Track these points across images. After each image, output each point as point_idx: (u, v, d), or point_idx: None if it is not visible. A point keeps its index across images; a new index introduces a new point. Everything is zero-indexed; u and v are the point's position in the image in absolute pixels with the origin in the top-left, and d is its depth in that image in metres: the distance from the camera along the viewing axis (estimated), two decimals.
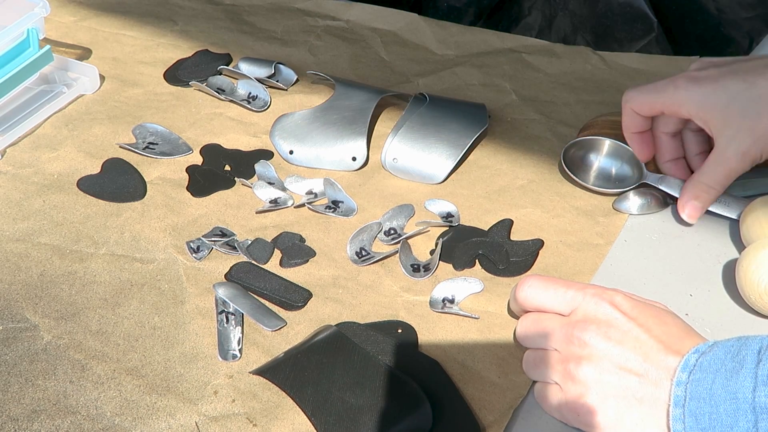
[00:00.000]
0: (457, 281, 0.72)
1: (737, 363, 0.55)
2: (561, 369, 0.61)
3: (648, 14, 1.20)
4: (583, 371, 0.60)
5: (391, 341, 0.67)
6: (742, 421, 0.53)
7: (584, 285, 0.63)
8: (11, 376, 0.65)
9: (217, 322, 0.69)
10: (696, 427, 0.55)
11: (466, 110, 0.86)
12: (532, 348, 0.64)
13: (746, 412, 0.53)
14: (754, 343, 0.56)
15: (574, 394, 0.60)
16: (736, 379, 0.54)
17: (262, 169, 0.83)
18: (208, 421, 0.62)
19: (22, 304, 0.70)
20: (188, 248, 0.75)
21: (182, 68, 0.95)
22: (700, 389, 0.55)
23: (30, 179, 0.82)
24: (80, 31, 1.01)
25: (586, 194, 0.80)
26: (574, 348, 0.60)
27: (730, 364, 0.55)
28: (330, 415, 0.61)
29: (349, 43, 1.00)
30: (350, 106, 0.86)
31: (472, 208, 0.79)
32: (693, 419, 0.55)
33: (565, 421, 0.62)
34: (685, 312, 0.70)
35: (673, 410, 0.56)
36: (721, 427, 0.54)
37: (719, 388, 0.54)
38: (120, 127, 0.88)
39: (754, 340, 0.56)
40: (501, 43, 1.00)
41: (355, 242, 0.76)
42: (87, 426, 0.62)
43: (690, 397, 0.56)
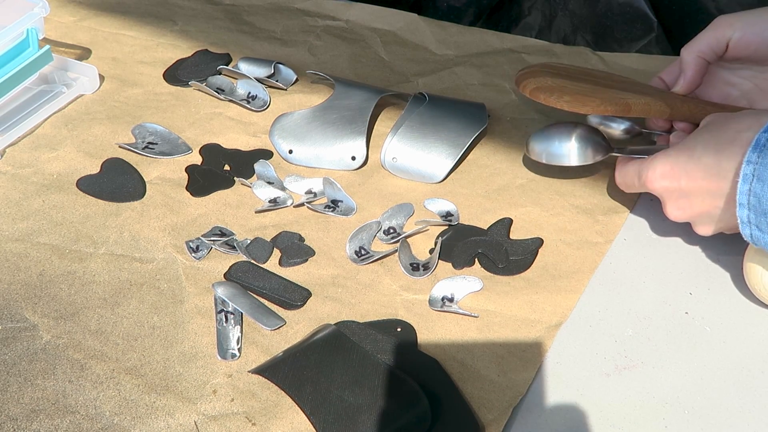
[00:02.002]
0: (457, 280, 0.72)
1: None
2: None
3: (648, 14, 1.20)
4: (673, 212, 0.69)
5: (391, 340, 0.66)
6: None
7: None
8: (10, 375, 0.65)
9: (216, 321, 0.69)
10: (758, 207, 0.61)
11: (466, 110, 0.86)
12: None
13: None
14: None
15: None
16: None
17: (262, 169, 0.83)
18: (207, 421, 0.62)
19: (22, 303, 0.70)
20: (187, 248, 0.75)
21: (182, 68, 0.95)
22: (765, 173, 0.60)
23: (29, 179, 0.82)
24: (80, 31, 1.01)
25: (585, 193, 0.80)
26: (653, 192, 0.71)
27: None
28: (329, 413, 0.61)
29: (349, 43, 1.00)
30: (350, 106, 0.86)
31: (472, 207, 0.79)
32: (756, 199, 0.61)
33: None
34: (684, 310, 0.70)
35: (741, 185, 0.62)
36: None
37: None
38: (119, 126, 0.88)
39: None
40: (501, 43, 1.00)
41: (355, 241, 0.75)
42: (86, 425, 0.62)
43: (757, 178, 0.61)
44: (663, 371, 0.66)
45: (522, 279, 0.73)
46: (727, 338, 0.68)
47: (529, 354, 0.67)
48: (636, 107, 0.76)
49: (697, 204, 0.67)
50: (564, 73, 0.80)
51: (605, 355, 0.67)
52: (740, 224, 0.63)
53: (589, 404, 0.63)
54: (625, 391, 0.64)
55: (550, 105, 0.76)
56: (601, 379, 0.65)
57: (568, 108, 0.75)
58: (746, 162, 0.61)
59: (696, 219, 0.69)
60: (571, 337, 0.68)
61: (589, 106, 0.75)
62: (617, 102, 0.75)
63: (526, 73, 0.80)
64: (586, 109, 0.75)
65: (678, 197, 0.68)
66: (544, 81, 0.77)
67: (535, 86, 0.77)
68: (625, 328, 0.69)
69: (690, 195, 0.67)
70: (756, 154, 0.61)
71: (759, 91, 0.79)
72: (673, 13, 1.19)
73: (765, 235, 0.62)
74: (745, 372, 0.65)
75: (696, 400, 0.64)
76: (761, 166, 0.60)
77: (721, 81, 0.80)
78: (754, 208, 0.61)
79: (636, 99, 0.76)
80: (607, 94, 0.76)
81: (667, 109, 0.77)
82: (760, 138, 0.61)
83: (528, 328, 0.69)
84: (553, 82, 0.77)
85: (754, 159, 0.61)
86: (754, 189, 0.61)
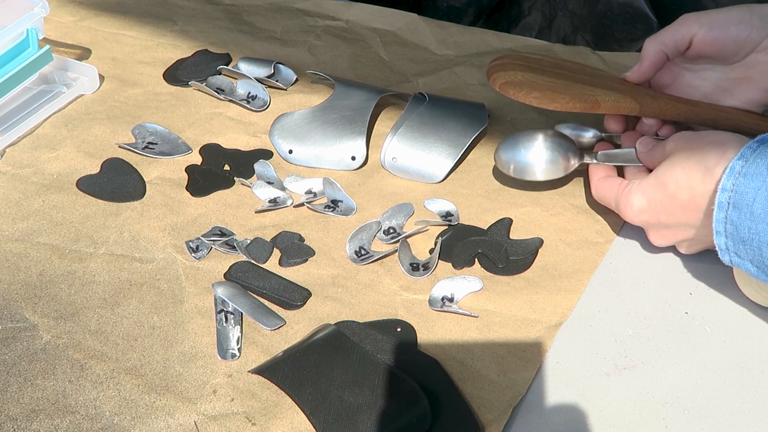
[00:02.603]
0: (457, 280, 0.72)
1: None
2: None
3: (648, 14, 1.20)
4: (657, 241, 0.71)
5: (391, 340, 0.66)
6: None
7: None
8: (10, 375, 0.65)
9: (216, 321, 0.69)
10: (736, 235, 0.61)
11: (466, 109, 0.86)
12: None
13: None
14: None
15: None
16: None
17: (262, 169, 0.83)
18: (207, 420, 0.62)
19: (22, 303, 0.70)
20: (187, 248, 0.75)
21: (182, 68, 0.95)
22: (742, 201, 0.61)
23: (29, 179, 0.82)
24: (80, 31, 1.01)
25: (585, 192, 0.80)
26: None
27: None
28: (329, 413, 0.61)
29: (349, 43, 1.00)
30: (349, 106, 0.86)
31: (472, 207, 0.79)
32: (733, 227, 0.61)
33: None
34: (684, 310, 0.70)
35: (716, 213, 0.62)
36: (758, 243, 0.60)
37: (759, 206, 0.60)
38: (119, 127, 0.88)
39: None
40: (501, 43, 1.00)
41: (355, 241, 0.75)
42: (86, 425, 0.62)
43: (733, 206, 0.61)
44: (663, 371, 0.66)
45: (522, 279, 0.73)
46: (727, 338, 0.68)
47: (529, 354, 0.67)
48: (605, 104, 0.75)
49: (679, 233, 0.69)
50: (535, 65, 0.79)
51: (605, 355, 0.67)
52: (719, 251, 0.64)
53: (589, 404, 0.63)
54: (625, 391, 0.64)
55: (519, 100, 0.75)
56: (601, 379, 0.65)
57: (537, 104, 0.74)
58: (721, 190, 0.62)
59: (680, 244, 0.71)
60: (571, 337, 0.68)
61: (558, 103, 0.74)
62: (586, 99, 0.75)
63: (497, 65, 0.79)
64: (555, 105, 0.74)
65: (659, 228, 0.70)
66: (514, 75, 0.76)
67: (505, 80, 0.76)
68: (625, 328, 0.69)
69: (671, 227, 0.69)
70: (731, 181, 0.62)
71: (721, 91, 0.79)
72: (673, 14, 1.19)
73: (744, 262, 0.62)
74: (745, 372, 0.65)
75: (696, 400, 0.64)
76: (736, 193, 0.61)
77: (684, 83, 0.80)
78: (731, 236, 0.62)
79: (605, 96, 0.75)
80: (577, 90, 0.75)
81: (636, 105, 0.76)
82: (734, 165, 0.62)
83: (528, 328, 0.69)
84: (523, 77, 0.76)
85: (728, 187, 0.62)
86: (730, 217, 0.62)
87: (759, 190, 0.60)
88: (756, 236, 0.60)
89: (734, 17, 0.74)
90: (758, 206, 0.60)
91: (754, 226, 0.60)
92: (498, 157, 0.79)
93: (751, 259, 0.61)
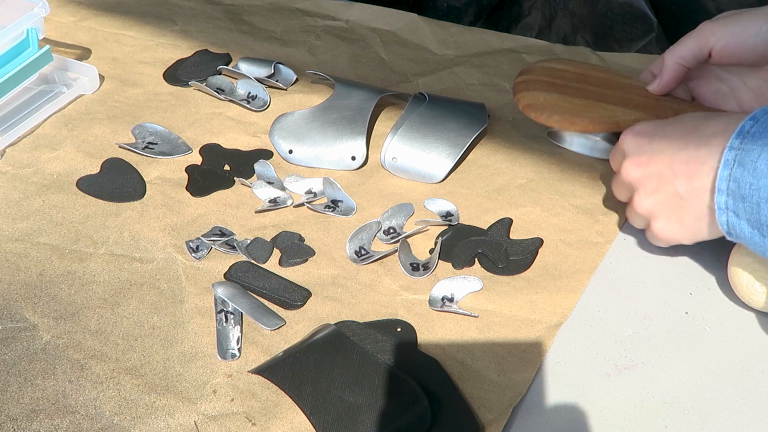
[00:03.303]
0: (457, 280, 0.72)
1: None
2: (634, 213, 0.72)
3: (648, 14, 1.20)
4: (639, 206, 0.70)
5: (391, 340, 0.66)
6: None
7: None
8: (10, 375, 0.65)
9: (216, 321, 0.69)
10: (737, 192, 0.62)
11: (466, 109, 0.86)
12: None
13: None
14: None
15: (649, 225, 0.71)
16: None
17: (262, 169, 0.83)
18: (207, 420, 0.62)
19: (22, 303, 0.70)
20: (187, 248, 0.75)
21: (182, 68, 0.95)
22: (747, 158, 0.61)
23: (29, 179, 0.82)
24: (80, 31, 1.01)
25: (585, 193, 0.80)
26: (629, 189, 0.72)
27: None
28: (329, 413, 0.61)
29: (349, 43, 1.00)
30: (350, 106, 0.86)
31: (472, 207, 0.79)
32: (735, 183, 0.62)
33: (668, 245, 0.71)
34: (684, 310, 0.70)
35: (722, 171, 0.63)
36: (758, 199, 0.60)
37: (763, 163, 0.60)
38: (119, 126, 0.88)
39: None
40: (501, 43, 1.00)
41: (355, 241, 0.75)
42: (86, 425, 0.62)
43: (738, 163, 0.62)
44: (663, 371, 0.66)
45: (522, 279, 0.73)
46: (727, 338, 0.68)
47: (529, 354, 0.67)
48: (625, 123, 0.78)
49: (665, 185, 0.68)
50: (560, 81, 0.81)
51: (605, 355, 0.67)
52: (717, 211, 0.64)
53: (589, 404, 0.63)
54: (625, 391, 0.64)
55: (540, 122, 0.80)
56: (601, 379, 0.65)
57: (558, 126, 0.80)
58: (729, 148, 0.63)
59: (660, 208, 0.69)
60: (571, 337, 0.68)
61: (579, 126, 0.79)
62: (606, 121, 0.78)
63: (522, 84, 0.82)
64: (575, 128, 0.79)
65: (646, 154, 0.70)
66: (536, 97, 0.80)
67: (528, 102, 0.80)
68: (625, 328, 0.69)
69: (663, 175, 0.68)
70: (739, 140, 0.62)
71: (747, 90, 0.79)
72: (673, 14, 1.19)
73: (741, 221, 0.62)
74: (745, 372, 0.65)
75: (696, 400, 0.64)
76: (743, 151, 0.62)
77: (712, 75, 0.80)
78: (732, 193, 0.62)
79: (625, 116, 0.78)
80: (597, 112, 0.79)
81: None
82: (745, 125, 0.63)
83: (528, 328, 0.69)
84: (545, 99, 0.79)
85: (736, 145, 0.62)
86: (734, 174, 0.62)
87: (766, 147, 0.61)
88: (756, 192, 0.61)
89: (751, 30, 0.74)
90: (762, 162, 0.60)
91: (755, 182, 0.61)
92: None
93: (749, 217, 0.62)
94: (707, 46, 0.76)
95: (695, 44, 0.77)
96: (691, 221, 0.67)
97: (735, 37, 0.75)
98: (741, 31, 0.75)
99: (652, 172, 0.68)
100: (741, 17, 0.75)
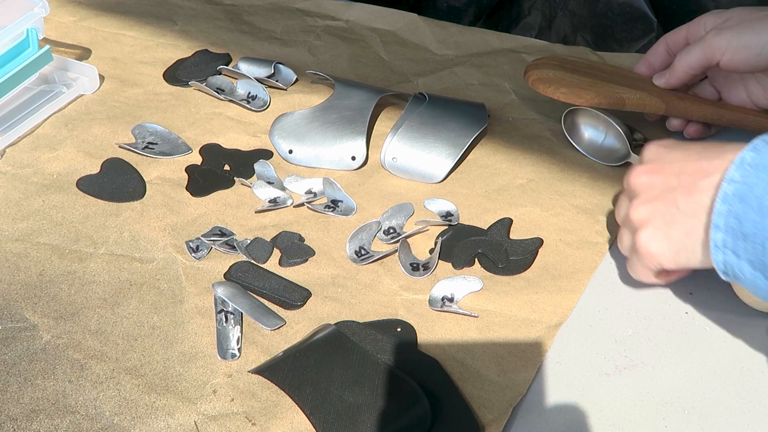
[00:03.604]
0: (457, 280, 0.72)
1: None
2: (626, 224, 0.67)
3: (648, 14, 1.20)
4: (633, 212, 0.65)
5: (391, 340, 0.66)
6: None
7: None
8: (10, 375, 0.65)
9: (216, 321, 0.69)
10: (738, 230, 0.57)
11: (466, 109, 0.86)
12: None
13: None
14: None
15: (635, 235, 0.65)
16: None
17: (262, 169, 0.83)
18: (207, 421, 0.62)
19: (22, 303, 0.70)
20: (187, 248, 0.75)
21: (182, 68, 0.95)
22: (750, 193, 0.56)
23: (29, 179, 0.82)
24: (80, 31, 1.01)
25: (585, 193, 0.80)
26: (631, 197, 0.66)
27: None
28: (329, 413, 0.61)
29: (349, 43, 1.00)
30: (350, 106, 0.86)
31: (472, 207, 0.79)
32: (736, 221, 0.57)
33: (646, 276, 0.67)
34: (685, 310, 0.70)
35: (719, 206, 0.58)
36: (762, 239, 0.55)
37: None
38: (119, 126, 0.88)
39: None
40: (501, 43, 1.00)
41: (355, 241, 0.75)
42: (86, 425, 0.62)
43: (740, 198, 0.57)
44: (663, 371, 0.66)
45: (522, 279, 0.73)
46: (727, 338, 0.68)
47: (529, 354, 0.67)
48: (630, 101, 0.80)
49: (666, 194, 0.63)
50: (570, 66, 0.84)
51: (605, 355, 0.67)
52: (712, 249, 0.59)
53: (589, 404, 0.63)
54: (625, 391, 0.64)
55: (548, 95, 0.81)
56: (601, 379, 0.65)
57: (564, 99, 0.80)
58: (728, 180, 0.58)
59: (653, 217, 0.64)
60: (571, 337, 0.68)
61: (584, 98, 0.79)
62: (612, 96, 0.79)
63: (533, 64, 0.85)
64: (581, 101, 0.80)
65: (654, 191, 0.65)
66: (546, 73, 0.82)
67: (537, 77, 0.82)
68: (625, 328, 0.69)
69: (668, 184, 0.64)
70: (740, 172, 0.57)
71: (756, 83, 0.81)
72: (673, 14, 1.19)
73: (741, 262, 0.58)
74: (745, 372, 0.65)
75: (696, 400, 0.64)
76: (745, 185, 0.57)
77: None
78: (732, 231, 0.57)
79: (631, 94, 0.80)
80: (603, 88, 0.80)
81: (662, 104, 0.81)
82: (745, 156, 0.58)
83: (528, 328, 0.69)
84: (554, 75, 0.81)
85: (737, 178, 0.57)
86: (734, 210, 0.57)
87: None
88: (762, 231, 0.56)
89: (755, 45, 0.75)
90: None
91: (760, 221, 0.56)
92: (572, 121, 0.84)
93: (751, 258, 0.57)
94: (714, 59, 0.77)
95: (704, 58, 0.78)
96: (679, 236, 0.62)
97: (741, 49, 0.76)
98: (747, 42, 0.76)
99: (659, 180, 0.64)
100: (744, 30, 0.76)
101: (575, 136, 0.85)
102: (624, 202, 0.69)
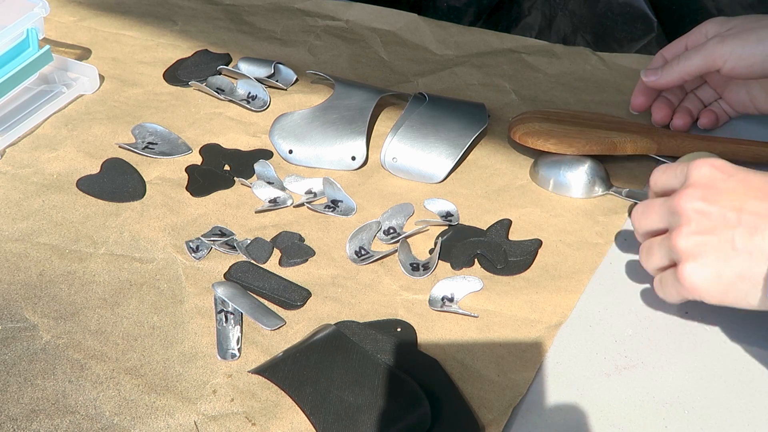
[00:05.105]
0: (457, 280, 0.72)
1: None
2: (666, 245, 0.61)
3: (648, 14, 1.20)
4: (681, 239, 0.60)
5: (391, 340, 0.66)
6: None
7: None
8: (10, 375, 0.65)
9: (216, 321, 0.69)
10: None
11: (466, 109, 0.86)
12: (647, 235, 0.64)
13: None
14: None
15: (680, 264, 0.60)
16: None
17: (262, 169, 0.83)
18: (207, 421, 0.62)
19: (21, 303, 0.70)
20: (187, 248, 0.75)
21: (182, 68, 0.95)
22: None
23: (29, 179, 0.82)
24: (80, 31, 1.01)
25: None
26: (675, 218, 0.61)
27: None
28: (329, 413, 0.61)
29: (349, 43, 1.00)
30: (350, 106, 0.86)
31: (472, 208, 0.79)
32: None
33: (678, 300, 0.62)
34: (685, 310, 0.70)
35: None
36: None
37: None
38: (119, 127, 0.88)
39: None
40: (501, 43, 1.00)
41: (355, 241, 0.75)
42: (86, 425, 0.62)
43: None
44: (663, 371, 0.66)
45: (522, 279, 0.73)
46: (727, 338, 0.68)
47: (529, 354, 0.67)
48: (621, 144, 0.80)
49: (723, 230, 0.60)
50: (554, 117, 0.83)
51: (605, 355, 0.67)
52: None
53: (589, 404, 0.63)
54: (625, 391, 0.64)
55: (537, 148, 0.81)
56: (601, 379, 0.65)
57: (555, 150, 0.80)
58: None
59: (703, 251, 0.60)
60: (571, 337, 0.68)
61: (575, 147, 0.80)
62: (602, 141, 0.80)
63: (517, 120, 0.84)
64: (572, 150, 0.80)
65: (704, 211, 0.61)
66: (532, 126, 0.82)
67: (524, 132, 0.81)
68: (625, 328, 0.69)
69: (726, 218, 0.60)
70: None
71: (759, 87, 0.82)
72: (673, 14, 1.19)
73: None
74: (745, 372, 0.65)
75: (696, 400, 0.64)
76: None
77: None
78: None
79: (621, 137, 0.80)
80: (593, 134, 0.80)
81: (654, 144, 0.81)
82: None
83: (528, 328, 0.69)
84: (540, 127, 0.81)
85: None
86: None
87: None
88: None
89: (759, 53, 0.75)
90: None
91: None
92: (537, 173, 0.82)
93: None
94: (714, 66, 0.78)
95: (703, 63, 0.78)
96: (730, 277, 0.59)
97: (742, 60, 0.76)
98: (749, 53, 0.76)
99: (716, 211, 0.59)
100: (748, 38, 0.76)
101: (545, 183, 0.81)
102: (659, 215, 0.63)
